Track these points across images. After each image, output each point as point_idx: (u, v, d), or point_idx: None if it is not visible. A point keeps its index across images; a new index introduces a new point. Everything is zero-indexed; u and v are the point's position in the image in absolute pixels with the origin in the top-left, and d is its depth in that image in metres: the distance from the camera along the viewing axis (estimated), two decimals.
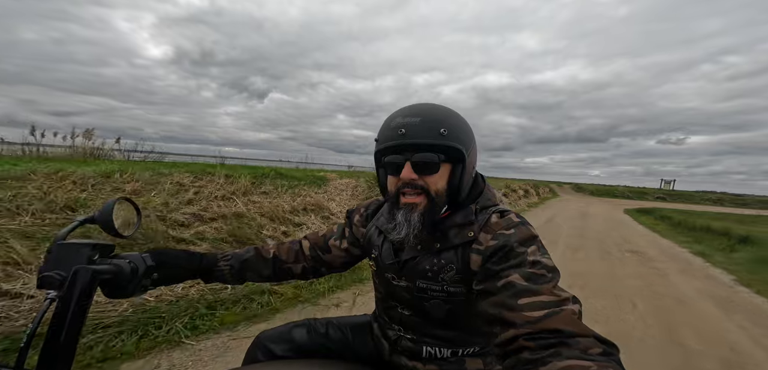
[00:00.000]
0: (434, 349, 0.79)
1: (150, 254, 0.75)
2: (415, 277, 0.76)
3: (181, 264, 0.81)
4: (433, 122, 0.70)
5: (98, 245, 0.66)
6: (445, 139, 0.70)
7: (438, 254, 0.74)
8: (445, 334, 0.78)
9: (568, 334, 0.49)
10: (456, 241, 0.73)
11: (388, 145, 0.73)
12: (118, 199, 0.74)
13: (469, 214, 0.74)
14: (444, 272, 0.73)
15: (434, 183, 0.72)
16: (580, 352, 0.46)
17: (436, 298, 0.75)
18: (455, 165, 0.73)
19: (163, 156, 7.11)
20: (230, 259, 0.89)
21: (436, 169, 0.71)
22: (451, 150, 0.71)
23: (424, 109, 0.73)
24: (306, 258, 0.96)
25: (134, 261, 0.69)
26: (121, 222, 0.74)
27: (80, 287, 0.57)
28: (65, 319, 0.54)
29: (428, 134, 0.70)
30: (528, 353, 0.50)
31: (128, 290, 0.68)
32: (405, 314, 0.81)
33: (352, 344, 0.95)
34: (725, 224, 9.98)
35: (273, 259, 0.93)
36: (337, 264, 0.97)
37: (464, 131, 0.74)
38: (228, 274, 0.89)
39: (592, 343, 0.47)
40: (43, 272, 0.59)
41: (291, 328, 0.94)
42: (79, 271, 0.57)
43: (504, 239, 0.65)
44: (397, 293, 0.81)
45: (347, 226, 0.98)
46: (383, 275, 0.84)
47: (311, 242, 0.98)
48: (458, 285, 0.72)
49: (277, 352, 0.89)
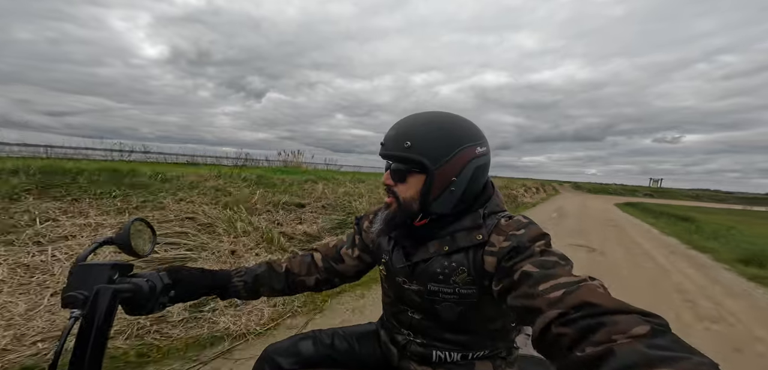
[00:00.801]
0: (444, 353, 0.80)
1: (167, 272, 0.78)
2: (427, 280, 0.77)
3: (196, 281, 0.83)
4: (402, 135, 0.75)
5: (117, 264, 0.67)
6: (407, 151, 0.73)
7: (448, 256, 0.75)
8: (455, 338, 0.79)
9: (602, 309, 0.45)
10: (464, 244, 0.74)
11: (380, 154, 0.80)
12: (134, 219, 0.76)
13: (477, 218, 0.76)
14: (455, 274, 0.74)
15: (403, 191, 0.77)
16: (628, 338, 0.40)
17: (448, 300, 0.76)
18: (427, 176, 0.74)
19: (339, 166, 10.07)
20: (244, 274, 0.91)
21: (404, 178, 0.76)
22: (413, 162, 0.74)
23: (402, 123, 0.78)
24: (319, 270, 0.97)
25: (152, 279, 0.72)
26: (138, 242, 0.76)
27: (102, 305, 0.59)
28: (90, 336, 0.57)
29: (396, 146, 0.75)
30: (570, 341, 0.45)
31: (147, 307, 0.71)
32: (415, 317, 0.82)
33: (358, 353, 0.95)
34: (684, 213, 15.12)
35: (286, 273, 0.95)
36: (350, 273, 0.99)
37: (438, 144, 0.73)
38: (242, 289, 0.91)
39: (635, 320, 0.42)
40: (67, 292, 0.61)
41: (297, 341, 0.95)
42: (100, 290, 0.59)
43: (516, 240, 0.67)
44: (408, 296, 0.82)
45: (357, 233, 0.99)
46: (394, 279, 0.84)
47: (323, 253, 0.99)
48: (470, 287, 0.74)
49: (285, 365, 0.89)
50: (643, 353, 0.37)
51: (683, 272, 4.98)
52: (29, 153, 7.40)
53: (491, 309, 0.77)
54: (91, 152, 9.31)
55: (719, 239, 8.00)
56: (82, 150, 9.57)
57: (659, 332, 0.40)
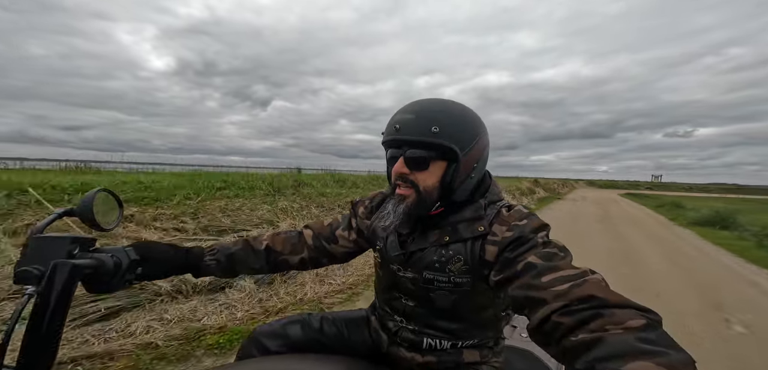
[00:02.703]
0: (435, 341, 0.80)
1: (133, 247, 0.73)
2: (422, 268, 0.77)
3: (167, 258, 0.79)
4: (426, 120, 0.70)
5: (78, 238, 0.63)
6: (435, 137, 0.69)
7: (446, 246, 0.75)
8: (448, 325, 0.79)
9: (604, 302, 0.48)
10: (466, 235, 0.73)
11: (386, 140, 0.76)
12: (98, 189, 0.71)
13: (479, 209, 0.75)
14: (451, 263, 0.74)
15: (424, 180, 0.73)
16: (621, 329, 0.43)
17: (443, 288, 0.75)
18: (449, 163, 0.73)
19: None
20: (216, 252, 0.88)
21: (426, 166, 0.72)
22: (442, 148, 0.71)
23: (422, 105, 0.73)
24: (308, 248, 0.94)
25: (117, 255, 0.67)
26: (102, 215, 0.71)
27: (60, 282, 0.55)
28: (45, 315, 0.53)
29: (419, 131, 0.70)
30: (566, 329, 0.48)
31: (111, 284, 0.67)
32: (409, 304, 0.82)
33: (347, 338, 0.94)
34: (672, 200, 22.38)
35: (266, 250, 0.92)
36: (340, 254, 0.97)
37: (463, 129, 0.73)
38: (215, 268, 0.88)
39: (631, 314, 0.45)
40: (20, 267, 0.57)
41: (285, 324, 0.93)
42: (57, 265, 0.55)
43: (519, 230, 0.67)
44: (402, 284, 0.81)
45: (353, 216, 0.97)
46: (388, 266, 0.84)
47: (315, 231, 0.96)
48: (465, 276, 0.73)
49: (272, 348, 0.88)
50: (631, 344, 0.40)
51: (628, 212, 13.78)
52: (48, 167, 7.30)
53: (484, 298, 0.77)
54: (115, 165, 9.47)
55: (670, 209, 15.79)
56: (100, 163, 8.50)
57: (652, 326, 0.43)
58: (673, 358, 0.38)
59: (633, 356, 0.39)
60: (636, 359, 0.38)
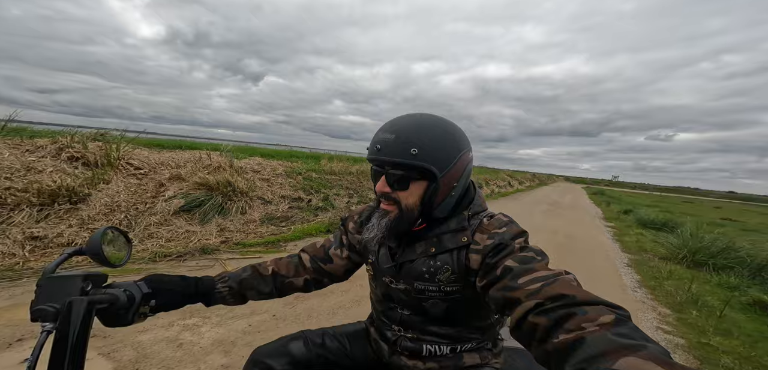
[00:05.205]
0: (434, 347, 0.82)
1: (145, 281, 0.74)
2: (413, 278, 0.80)
3: (178, 290, 0.79)
4: (405, 141, 0.72)
5: (90, 274, 0.64)
6: (414, 159, 0.72)
7: (433, 257, 0.78)
8: (445, 331, 0.82)
9: (574, 300, 0.50)
10: (451, 245, 0.77)
11: (369, 158, 0.78)
12: (105, 228, 0.72)
13: (462, 220, 0.79)
14: (440, 273, 0.77)
15: (405, 198, 0.76)
16: (596, 326, 0.45)
17: (434, 297, 0.79)
18: (430, 182, 0.75)
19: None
20: (228, 280, 0.89)
21: (406, 186, 0.75)
22: (421, 169, 0.73)
23: (403, 125, 0.75)
24: (307, 270, 0.96)
25: (130, 289, 0.69)
26: (111, 252, 0.72)
27: (77, 317, 0.55)
28: (65, 352, 0.53)
29: (399, 153, 0.72)
30: (544, 331, 0.50)
31: (127, 318, 0.68)
32: (405, 314, 0.84)
33: (349, 351, 0.95)
34: (616, 197, 34.12)
35: (273, 276, 0.93)
36: (339, 273, 0.99)
37: (443, 148, 0.74)
38: (228, 295, 0.89)
39: (602, 310, 0.47)
40: (35, 306, 0.58)
41: (287, 342, 0.93)
42: (74, 302, 0.56)
43: (499, 237, 0.71)
44: (396, 294, 0.84)
45: (343, 233, 0.99)
46: (381, 278, 0.86)
47: (310, 254, 0.98)
48: (454, 284, 0.77)
49: (276, 367, 0.87)
50: (610, 341, 0.42)
51: (578, 200, 25.86)
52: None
53: (476, 304, 0.80)
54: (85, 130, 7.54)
55: (597, 195, 28.40)
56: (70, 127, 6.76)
57: (622, 321, 0.45)
58: (653, 349, 0.39)
59: (616, 353, 0.40)
60: (619, 355, 0.39)
